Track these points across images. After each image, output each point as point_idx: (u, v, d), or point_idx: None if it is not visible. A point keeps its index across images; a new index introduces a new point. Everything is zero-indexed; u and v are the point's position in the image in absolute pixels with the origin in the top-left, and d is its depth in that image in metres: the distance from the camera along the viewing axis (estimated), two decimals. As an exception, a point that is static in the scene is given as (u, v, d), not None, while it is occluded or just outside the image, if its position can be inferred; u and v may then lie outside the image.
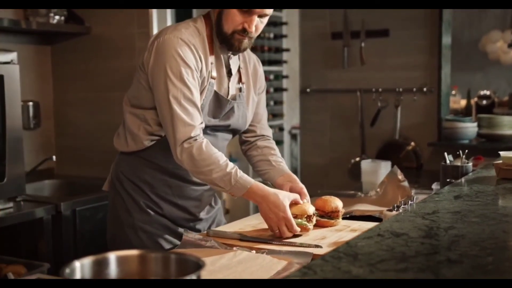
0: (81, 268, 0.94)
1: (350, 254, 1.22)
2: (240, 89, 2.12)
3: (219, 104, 2.04)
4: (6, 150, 2.61)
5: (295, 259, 1.69)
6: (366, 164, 2.99)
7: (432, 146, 4.08)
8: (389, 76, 4.24)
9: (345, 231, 2.03)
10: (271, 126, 5.54)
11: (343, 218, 2.18)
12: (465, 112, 5.09)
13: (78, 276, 0.93)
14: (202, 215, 2.19)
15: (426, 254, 1.23)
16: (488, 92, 5.18)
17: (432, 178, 2.91)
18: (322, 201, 2.12)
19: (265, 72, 5.34)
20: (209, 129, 2.04)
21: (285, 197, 1.90)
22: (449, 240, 1.34)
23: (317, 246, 1.81)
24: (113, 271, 0.97)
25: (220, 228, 2.08)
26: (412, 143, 4.21)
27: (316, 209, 2.12)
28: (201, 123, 1.93)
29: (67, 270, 0.91)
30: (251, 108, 2.18)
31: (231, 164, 1.90)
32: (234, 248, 1.82)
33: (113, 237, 2.13)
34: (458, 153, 2.54)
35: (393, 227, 1.45)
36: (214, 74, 2.01)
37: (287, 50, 5.69)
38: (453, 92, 5.24)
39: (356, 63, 4.37)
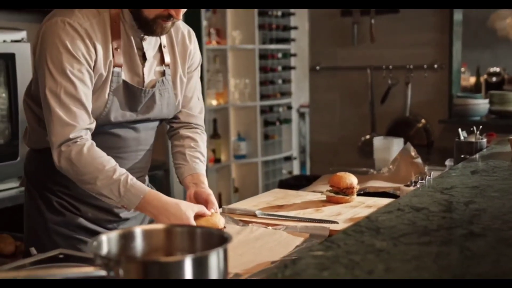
0: (107, 241, 0.94)
1: (372, 228, 1.22)
2: (163, 73, 1.79)
3: (132, 95, 1.71)
4: (18, 129, 2.61)
5: (312, 235, 1.69)
6: (378, 141, 2.98)
7: (443, 123, 4.06)
8: (400, 53, 4.22)
9: (360, 207, 2.03)
10: (279, 105, 5.61)
11: (357, 195, 2.18)
12: (475, 90, 5.06)
13: (105, 249, 0.93)
14: (127, 214, 1.87)
15: (448, 228, 1.23)
16: (498, 69, 5.14)
17: (443, 155, 2.90)
18: (337, 177, 2.12)
19: (272, 50, 5.39)
20: (126, 123, 1.75)
21: (188, 208, 1.59)
22: (470, 214, 1.33)
23: (333, 222, 1.81)
24: (139, 245, 0.97)
25: (234, 205, 2.08)
26: (423, 121, 4.20)
27: (331, 186, 2.12)
28: (90, 124, 1.63)
29: (94, 243, 0.91)
30: (180, 92, 1.85)
31: (120, 170, 1.59)
32: (250, 225, 1.82)
33: (28, 240, 1.84)
34: (472, 129, 2.53)
35: (413, 202, 1.45)
36: (120, 61, 1.68)
37: (295, 28, 5.66)
38: (462, 69, 5.21)
39: (366, 40, 4.33)
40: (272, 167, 5.61)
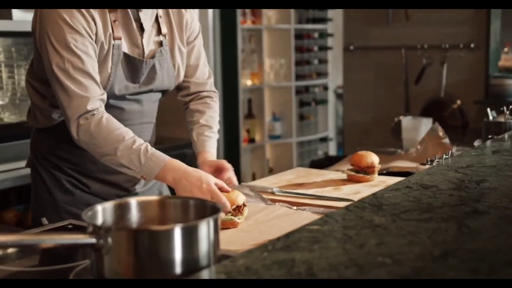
0: (102, 212, 0.97)
1: (375, 205, 1.21)
2: (161, 43, 1.78)
3: (134, 67, 1.72)
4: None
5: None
6: (407, 121, 2.95)
7: (479, 104, 3.98)
8: (435, 32, 4.13)
9: (380, 186, 2.01)
10: (314, 86, 5.59)
11: (381, 174, 2.17)
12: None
13: (99, 219, 0.96)
14: (138, 188, 1.89)
15: (453, 206, 1.21)
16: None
17: (477, 137, 2.83)
18: (358, 156, 2.11)
19: (308, 30, 5.35)
20: (129, 95, 1.76)
21: (207, 175, 1.60)
22: (479, 192, 1.31)
23: (348, 200, 1.80)
24: (134, 216, 1.00)
25: (253, 183, 2.09)
26: (458, 101, 4.12)
27: (352, 164, 2.11)
28: (102, 94, 1.64)
29: (89, 213, 0.94)
30: (181, 63, 1.85)
31: (139, 140, 1.60)
32: (277, 204, 1.82)
33: (36, 220, 1.80)
34: (501, 109, 2.48)
35: (423, 180, 1.43)
36: (119, 33, 1.68)
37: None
38: (505, 49, 5.07)
39: (400, 19, 4.26)
40: (307, 148, 5.61)
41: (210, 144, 1.85)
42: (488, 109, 2.45)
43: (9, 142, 2.72)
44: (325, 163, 4.24)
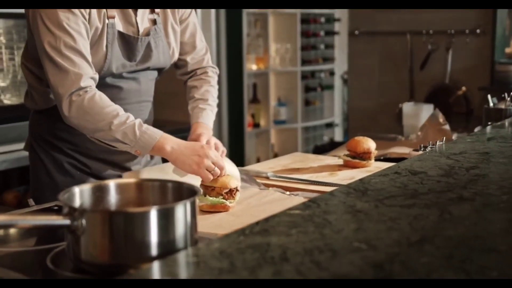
0: (80, 194, 0.96)
1: (360, 190, 1.21)
2: (154, 21, 1.79)
3: (129, 45, 1.72)
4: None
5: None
6: (408, 107, 2.93)
7: (484, 91, 3.94)
8: (440, 17, 4.09)
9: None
10: (320, 71, 5.55)
11: (378, 160, 2.16)
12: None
13: (77, 201, 0.96)
14: (138, 167, 1.89)
15: (439, 192, 1.20)
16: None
17: (480, 124, 2.82)
18: (354, 142, 2.10)
19: (315, 15, 5.31)
20: (126, 73, 1.76)
21: (206, 145, 1.64)
22: (467, 179, 1.30)
23: (340, 185, 1.79)
24: (112, 198, 1.00)
25: (249, 167, 2.09)
26: (463, 88, 4.08)
27: (348, 150, 2.10)
28: (94, 74, 1.63)
29: (66, 195, 0.94)
30: (174, 40, 1.85)
31: (132, 117, 1.61)
32: (270, 188, 1.82)
33: (36, 202, 1.76)
34: (503, 95, 2.46)
35: (413, 166, 1.42)
36: (113, 12, 1.68)
37: (339, -9, 5.56)
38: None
39: (406, 4, 4.22)
40: (312, 133, 5.59)
41: (203, 115, 1.84)
42: (489, 96, 2.43)
43: (10, 124, 2.74)
44: (328, 148, 4.23)
